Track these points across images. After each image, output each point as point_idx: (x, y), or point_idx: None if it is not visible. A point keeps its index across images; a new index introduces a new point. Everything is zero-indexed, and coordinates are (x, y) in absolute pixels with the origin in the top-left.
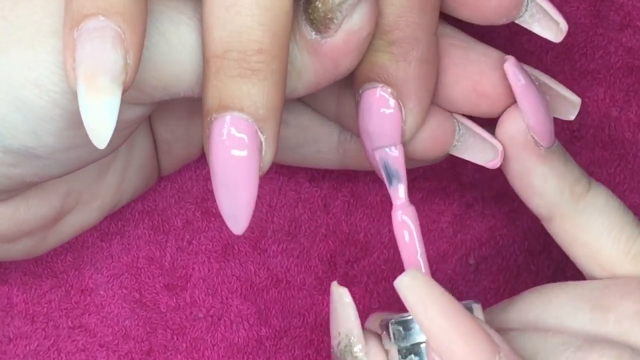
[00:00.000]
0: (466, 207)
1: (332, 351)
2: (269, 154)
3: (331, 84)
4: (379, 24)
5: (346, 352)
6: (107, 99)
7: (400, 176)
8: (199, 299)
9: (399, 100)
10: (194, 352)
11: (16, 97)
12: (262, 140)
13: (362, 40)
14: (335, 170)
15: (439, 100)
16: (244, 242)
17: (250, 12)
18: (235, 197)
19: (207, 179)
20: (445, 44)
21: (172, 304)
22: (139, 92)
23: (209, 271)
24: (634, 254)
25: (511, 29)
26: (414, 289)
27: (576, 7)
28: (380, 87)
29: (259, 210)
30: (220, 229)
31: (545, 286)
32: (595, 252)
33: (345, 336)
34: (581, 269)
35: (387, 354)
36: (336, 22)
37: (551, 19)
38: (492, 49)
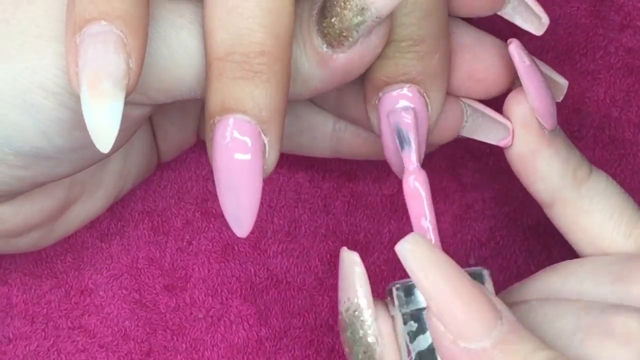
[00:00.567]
0: (466, 208)
1: (340, 317)
2: (272, 156)
3: None
4: (398, 32)
5: (355, 317)
6: (110, 104)
7: (412, 141)
8: (198, 299)
9: (424, 95)
10: (193, 352)
11: (24, 101)
12: (266, 142)
13: (377, 54)
14: (335, 170)
15: None
16: (244, 243)
17: (252, 14)
18: (238, 200)
19: (207, 180)
20: None
21: (172, 305)
22: (141, 95)
23: (208, 272)
24: (634, 238)
25: (511, 29)
26: (415, 253)
27: (576, 7)
28: (407, 87)
29: (259, 210)
30: (220, 230)
31: (560, 263)
32: (596, 236)
33: (354, 301)
34: (581, 254)
35: (393, 320)
36: (351, 40)
37: (533, 12)
38: (484, 33)
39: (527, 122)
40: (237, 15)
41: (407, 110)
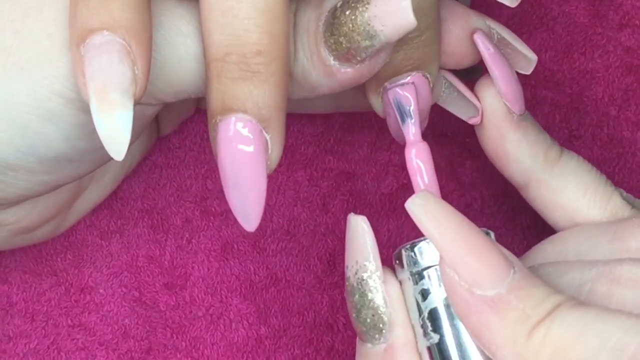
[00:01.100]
0: (465, 207)
1: (348, 282)
2: (275, 152)
3: None
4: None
5: (363, 280)
6: (120, 113)
7: (412, 113)
8: (198, 297)
9: (427, 75)
10: (193, 351)
11: (46, 110)
12: (268, 139)
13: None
14: (334, 169)
15: None
16: (243, 241)
17: (247, 15)
18: (245, 196)
19: (206, 178)
20: None
21: (172, 303)
22: (150, 98)
23: (208, 270)
24: (610, 211)
25: (511, 27)
26: (425, 207)
27: (575, 7)
28: (414, 74)
29: None
30: (219, 228)
31: (557, 234)
32: (573, 213)
33: (363, 265)
34: None
35: (401, 285)
36: (359, 59)
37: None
38: (457, 4)
39: (494, 107)
40: (233, 16)
41: (407, 85)
